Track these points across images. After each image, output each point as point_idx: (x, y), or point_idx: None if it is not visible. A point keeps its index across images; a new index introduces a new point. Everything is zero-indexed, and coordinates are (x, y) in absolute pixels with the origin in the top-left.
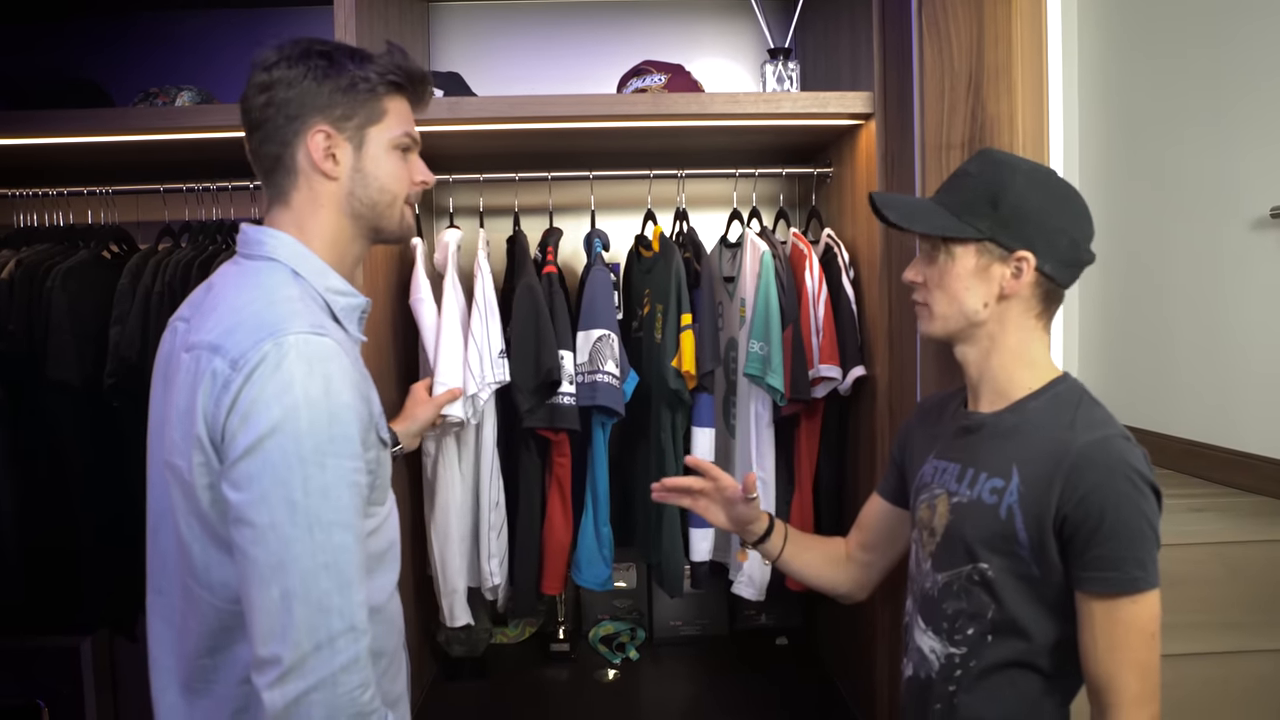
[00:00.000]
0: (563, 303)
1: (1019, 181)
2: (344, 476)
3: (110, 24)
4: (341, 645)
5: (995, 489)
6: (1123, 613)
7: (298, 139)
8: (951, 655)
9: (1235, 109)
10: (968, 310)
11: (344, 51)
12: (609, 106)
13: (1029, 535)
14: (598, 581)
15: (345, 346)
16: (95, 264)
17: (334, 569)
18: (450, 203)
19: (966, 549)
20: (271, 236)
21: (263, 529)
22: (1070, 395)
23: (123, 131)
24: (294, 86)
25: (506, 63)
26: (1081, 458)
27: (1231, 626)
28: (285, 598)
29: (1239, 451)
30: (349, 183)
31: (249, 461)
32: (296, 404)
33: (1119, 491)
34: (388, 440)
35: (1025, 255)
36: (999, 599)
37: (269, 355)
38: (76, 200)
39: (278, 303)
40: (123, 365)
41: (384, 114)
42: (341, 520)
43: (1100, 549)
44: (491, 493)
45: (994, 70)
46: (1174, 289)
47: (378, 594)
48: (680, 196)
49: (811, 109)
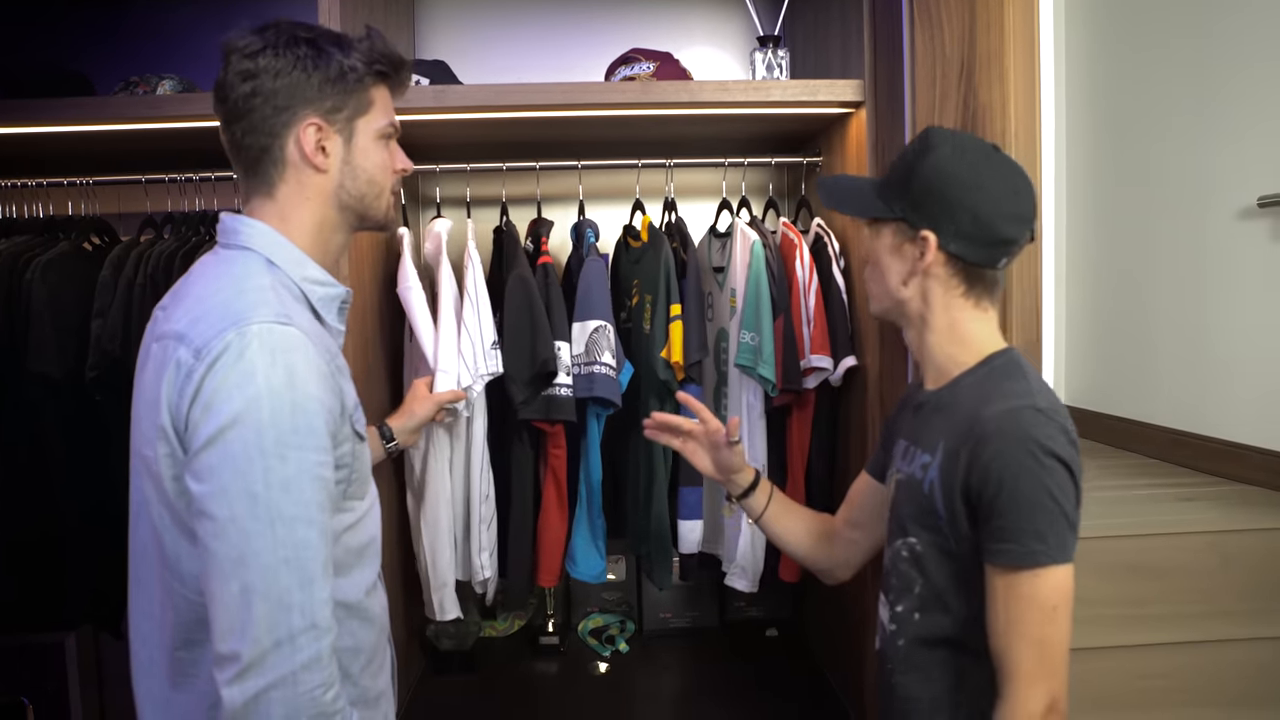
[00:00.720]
0: (559, 293)
1: (931, 160)
2: (307, 470)
3: (95, 14)
4: (302, 643)
5: (924, 464)
6: (1022, 586)
7: (287, 131)
8: (891, 630)
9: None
10: (890, 289)
11: (328, 38)
12: (597, 95)
13: (944, 508)
14: (593, 574)
15: (315, 337)
16: (76, 256)
17: (295, 564)
18: (437, 193)
19: (900, 523)
20: (248, 225)
21: (223, 522)
22: (1001, 369)
23: (103, 121)
24: (282, 77)
25: (492, 51)
26: (986, 428)
27: (1225, 615)
28: (245, 593)
29: (1225, 441)
30: (338, 175)
31: (210, 453)
32: (258, 394)
33: (1018, 462)
34: (364, 435)
35: (926, 234)
36: (925, 573)
37: (232, 344)
38: (56, 191)
39: (246, 292)
40: (105, 358)
41: (371, 104)
42: (304, 515)
43: (999, 520)
44: (482, 485)
45: (986, 57)
46: (1159, 279)
47: (355, 590)
48: (669, 186)
49: (802, 97)
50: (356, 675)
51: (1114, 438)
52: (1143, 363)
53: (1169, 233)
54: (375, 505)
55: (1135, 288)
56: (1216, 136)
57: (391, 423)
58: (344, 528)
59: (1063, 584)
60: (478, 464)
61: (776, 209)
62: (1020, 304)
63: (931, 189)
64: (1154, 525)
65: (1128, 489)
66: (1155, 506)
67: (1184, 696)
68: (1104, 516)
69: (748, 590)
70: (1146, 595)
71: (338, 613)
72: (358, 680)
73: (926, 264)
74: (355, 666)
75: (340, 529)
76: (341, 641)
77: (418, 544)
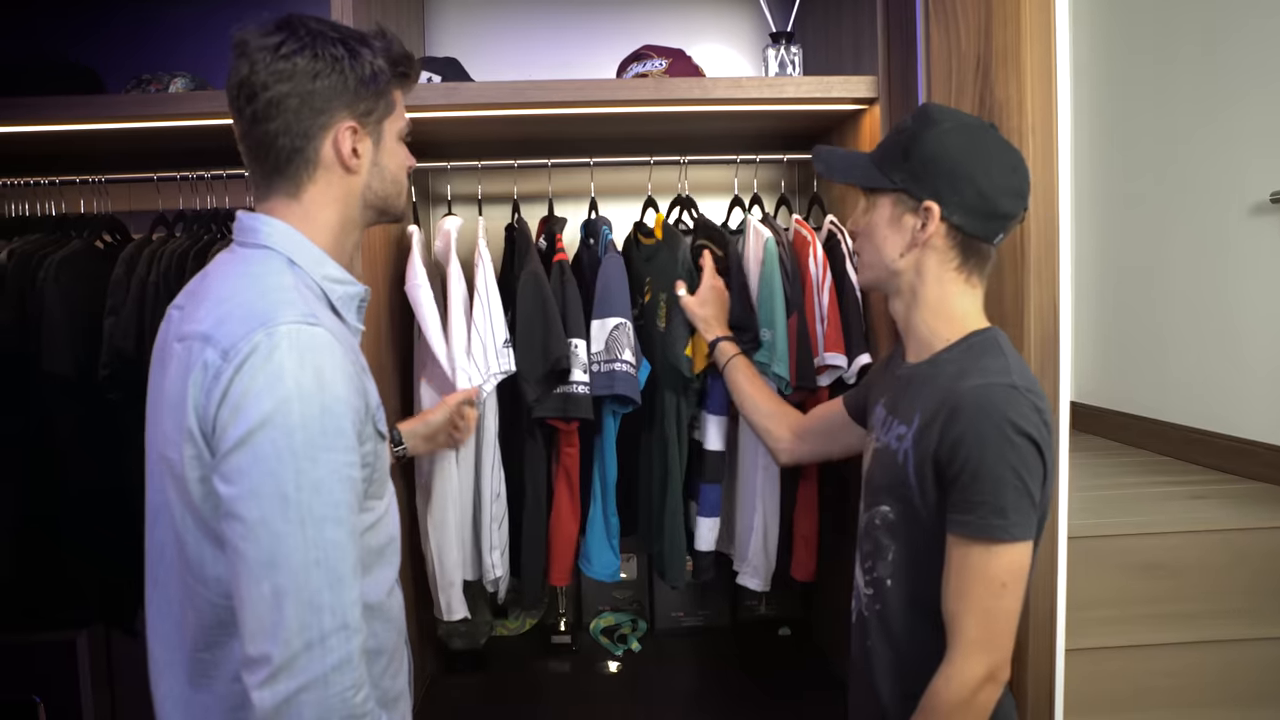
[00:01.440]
0: (575, 290)
1: (934, 133)
2: (337, 470)
3: (102, 9)
4: (333, 644)
5: (899, 435)
6: (974, 557)
7: (324, 134)
8: (866, 596)
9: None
10: (886, 260)
11: (355, 38)
12: (611, 91)
13: (915, 479)
14: (608, 572)
15: (340, 336)
16: (89, 254)
17: (326, 565)
18: (448, 190)
19: (875, 492)
20: (267, 224)
21: (253, 524)
22: (980, 346)
23: (115, 119)
24: (321, 79)
25: (503, 48)
26: (960, 400)
27: (1236, 613)
28: (276, 594)
29: (1238, 438)
30: (367, 176)
31: (239, 454)
32: (288, 396)
33: (986, 437)
34: (385, 433)
35: (930, 205)
36: (898, 541)
37: (260, 346)
38: (69, 189)
39: (270, 291)
40: (118, 357)
41: (394, 105)
42: (334, 515)
43: (962, 492)
44: (494, 484)
45: (1003, 52)
46: (1172, 276)
47: (377, 590)
48: (682, 183)
49: (815, 93)
50: (378, 677)
51: (1126, 435)
52: (1155, 360)
53: (1180, 230)
54: (393, 505)
55: (1147, 285)
56: (1229, 132)
57: (403, 427)
58: (364, 527)
59: (1015, 561)
60: (488, 463)
61: (789, 206)
62: (1038, 299)
63: (935, 161)
64: (1167, 524)
65: (1140, 487)
66: (1168, 504)
67: (1196, 695)
68: (1118, 515)
69: (759, 589)
70: (1159, 594)
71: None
72: (378, 682)
73: (928, 235)
74: (376, 668)
75: (361, 529)
76: (366, 643)
77: (425, 544)
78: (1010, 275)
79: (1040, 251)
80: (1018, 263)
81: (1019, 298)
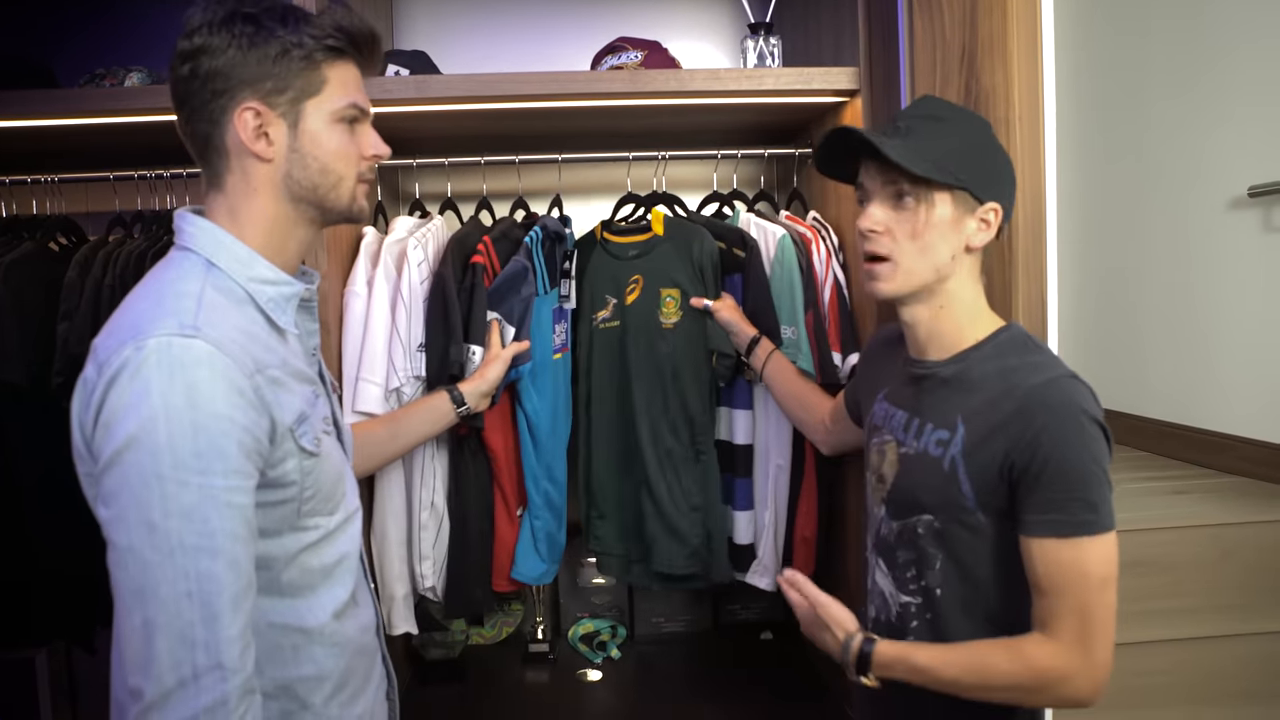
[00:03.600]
0: (483, 295)
1: (986, 131)
2: (214, 496)
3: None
4: (206, 684)
5: (941, 441)
6: (1068, 554)
7: (225, 116)
8: (906, 604)
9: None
10: (939, 263)
11: (274, 13)
12: (585, 84)
13: (973, 486)
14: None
15: (240, 347)
16: (41, 256)
17: (198, 599)
18: (416, 188)
19: (915, 500)
20: (191, 224)
21: (123, 551)
22: (1014, 342)
23: (68, 114)
24: (218, 56)
25: (474, 41)
26: (1028, 400)
27: (1227, 609)
28: (147, 627)
29: (1217, 432)
30: (285, 164)
31: (109, 477)
32: (154, 415)
33: (1065, 432)
34: (315, 449)
35: (995, 207)
36: (947, 550)
37: (129, 360)
38: (20, 189)
39: (164, 300)
40: (72, 363)
41: (323, 84)
42: (208, 546)
43: (1047, 492)
44: (423, 494)
45: (988, 41)
46: (1149, 270)
47: (315, 613)
48: (659, 179)
49: (796, 85)
50: (320, 705)
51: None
52: (1133, 355)
53: (1159, 224)
54: (353, 520)
55: (1125, 279)
56: (1205, 125)
57: (464, 387)
58: (301, 547)
59: (1111, 551)
60: (418, 471)
61: (773, 202)
62: (1026, 293)
63: (997, 161)
64: (1152, 519)
65: (1121, 483)
66: (1151, 500)
67: (1187, 693)
68: None
69: (768, 589)
70: (1148, 590)
71: (292, 639)
72: (322, 710)
73: (988, 239)
74: (318, 697)
75: (296, 548)
76: (299, 670)
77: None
78: (998, 269)
79: (1028, 245)
80: (1005, 257)
81: (1007, 292)
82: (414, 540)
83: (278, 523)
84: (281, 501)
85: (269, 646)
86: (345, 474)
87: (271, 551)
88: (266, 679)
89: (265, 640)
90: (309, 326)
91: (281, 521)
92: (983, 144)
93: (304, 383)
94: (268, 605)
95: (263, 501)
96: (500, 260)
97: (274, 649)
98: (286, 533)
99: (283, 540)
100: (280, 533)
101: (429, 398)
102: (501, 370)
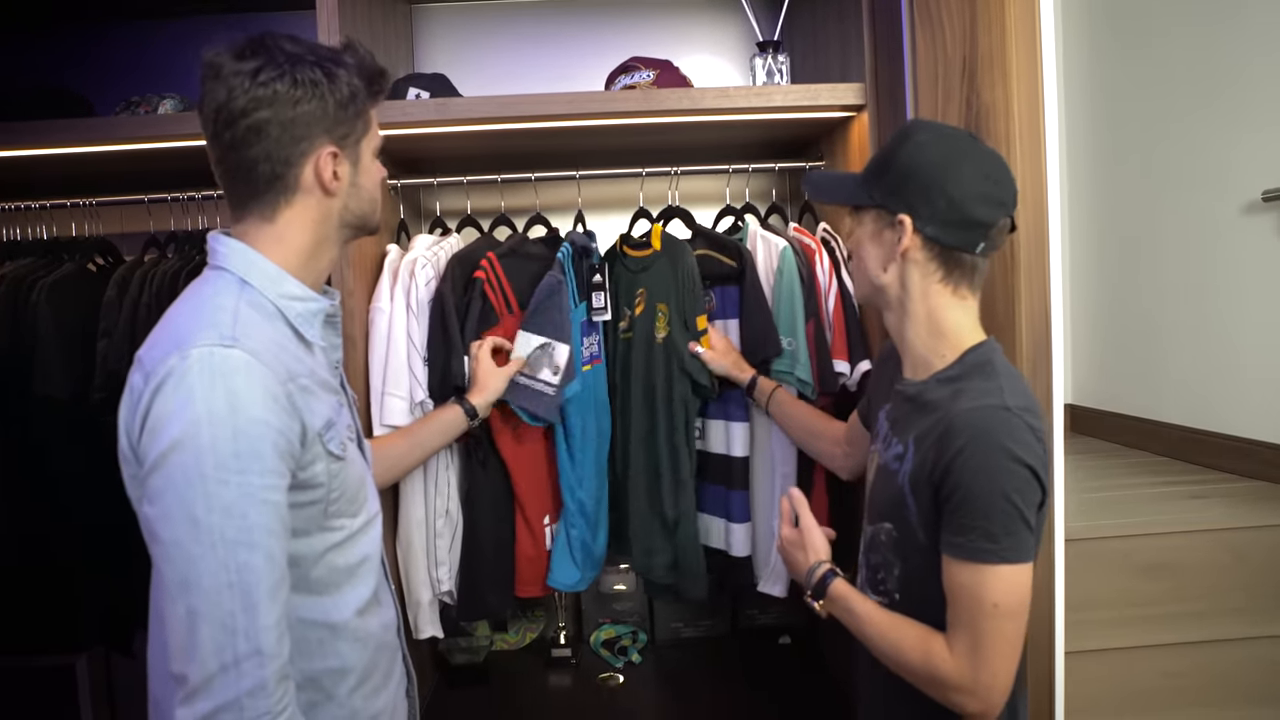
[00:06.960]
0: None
1: (908, 147)
2: (251, 494)
3: (90, 33)
4: (247, 669)
5: (897, 456)
6: (964, 578)
7: (304, 160)
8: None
9: (1223, 95)
10: (870, 275)
11: (330, 59)
12: (600, 104)
13: (915, 503)
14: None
15: (274, 357)
16: (81, 277)
17: (239, 589)
18: (437, 206)
19: (880, 509)
20: (225, 245)
21: (168, 545)
22: (976, 364)
23: (105, 141)
24: (301, 105)
25: (491, 64)
26: (953, 423)
27: (1239, 612)
28: (190, 616)
29: (1234, 437)
30: (344, 198)
31: (155, 477)
32: (197, 419)
33: (978, 462)
34: (341, 453)
35: (902, 218)
36: (902, 559)
37: (174, 369)
38: (60, 213)
39: (204, 314)
40: (111, 379)
41: (370, 124)
42: (247, 539)
43: (955, 515)
44: (439, 503)
45: (988, 56)
46: (1165, 276)
47: (341, 609)
48: (673, 193)
49: (803, 101)
50: (344, 697)
51: (1123, 436)
52: (1149, 360)
53: (1173, 230)
54: (374, 523)
55: (1140, 286)
56: (1219, 132)
57: (470, 399)
58: (328, 546)
59: (1007, 583)
60: (433, 480)
61: (784, 215)
62: (1029, 305)
63: (907, 174)
64: (1167, 524)
65: (1139, 488)
66: (1167, 505)
67: (1199, 695)
68: (1117, 516)
69: (781, 596)
70: (1161, 594)
71: (319, 633)
72: (345, 701)
73: (904, 248)
74: (342, 688)
75: (323, 548)
76: (325, 663)
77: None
78: (1001, 281)
79: (1030, 256)
80: (1008, 268)
81: (1010, 303)
82: (430, 546)
83: (307, 523)
84: (311, 502)
85: (297, 640)
86: (366, 479)
87: (301, 550)
88: (295, 670)
89: (294, 634)
90: (333, 341)
91: (310, 522)
92: (914, 159)
93: (330, 392)
94: (298, 601)
95: (294, 502)
96: (506, 276)
97: (302, 642)
98: (315, 532)
99: (311, 540)
100: (309, 532)
101: (442, 410)
102: (503, 383)
